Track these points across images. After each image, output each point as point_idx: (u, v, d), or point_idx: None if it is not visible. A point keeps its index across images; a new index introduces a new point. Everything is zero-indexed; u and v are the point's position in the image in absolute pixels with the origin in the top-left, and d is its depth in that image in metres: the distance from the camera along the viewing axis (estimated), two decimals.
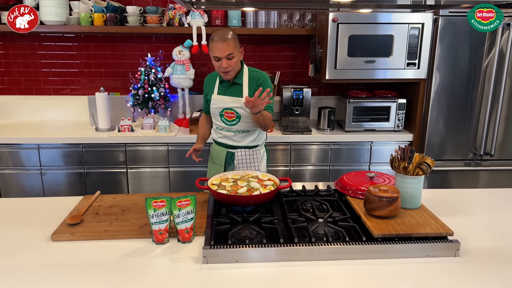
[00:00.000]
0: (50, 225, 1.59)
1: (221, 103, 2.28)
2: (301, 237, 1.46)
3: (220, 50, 2.12)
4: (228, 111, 2.27)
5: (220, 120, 2.31)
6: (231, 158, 2.36)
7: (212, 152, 2.44)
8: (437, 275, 1.30)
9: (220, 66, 2.16)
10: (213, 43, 2.15)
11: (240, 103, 2.24)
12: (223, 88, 2.30)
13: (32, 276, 1.29)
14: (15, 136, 2.99)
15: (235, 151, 2.34)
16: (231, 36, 2.15)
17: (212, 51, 2.16)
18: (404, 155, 1.63)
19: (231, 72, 2.19)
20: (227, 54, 2.13)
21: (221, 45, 2.12)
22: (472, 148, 3.11)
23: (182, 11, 3.20)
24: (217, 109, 2.29)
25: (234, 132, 2.31)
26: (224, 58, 2.14)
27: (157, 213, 1.45)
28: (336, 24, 2.90)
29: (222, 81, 2.30)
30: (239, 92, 2.26)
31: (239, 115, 2.26)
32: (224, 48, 2.12)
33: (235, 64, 2.19)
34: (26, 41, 3.41)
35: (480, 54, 2.94)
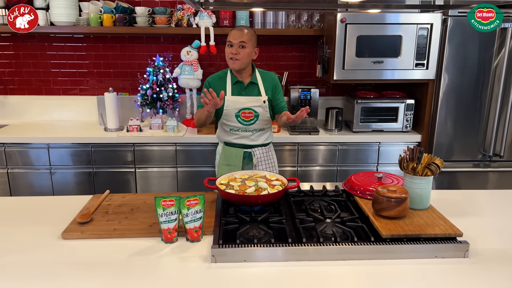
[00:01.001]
0: (60, 223, 1.61)
1: (237, 104, 2.29)
2: (309, 237, 1.46)
3: (234, 36, 2.21)
4: (245, 111, 2.29)
5: (236, 121, 2.31)
6: (248, 157, 2.38)
7: (225, 154, 2.41)
8: (446, 276, 1.29)
9: (230, 52, 2.22)
10: (231, 31, 2.25)
11: (260, 102, 2.30)
12: (238, 89, 2.31)
13: (43, 273, 1.30)
14: (25, 136, 3.03)
15: (252, 150, 2.37)
16: (249, 30, 2.26)
17: (228, 38, 2.24)
18: (413, 156, 1.62)
19: (238, 61, 2.22)
20: (240, 41, 2.19)
21: (237, 32, 2.22)
22: (481, 149, 3.09)
23: (190, 11, 3.22)
24: (233, 110, 2.29)
25: (251, 132, 2.34)
26: (236, 44, 2.20)
27: (166, 212, 1.46)
28: (344, 25, 2.90)
29: (235, 82, 2.31)
30: (256, 92, 2.32)
31: (258, 114, 2.31)
32: (239, 35, 2.20)
33: (246, 55, 2.22)
34: (36, 42, 3.45)
35: (489, 55, 2.92)
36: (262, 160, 2.39)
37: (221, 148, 2.45)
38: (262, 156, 2.40)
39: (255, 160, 2.37)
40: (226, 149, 2.41)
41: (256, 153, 2.38)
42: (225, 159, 2.40)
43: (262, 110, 2.32)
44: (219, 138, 2.46)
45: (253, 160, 2.38)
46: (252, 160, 2.38)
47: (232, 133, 2.36)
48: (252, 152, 2.38)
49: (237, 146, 2.38)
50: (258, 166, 2.39)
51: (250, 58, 2.27)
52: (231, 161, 2.38)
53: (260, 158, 2.39)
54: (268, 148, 2.44)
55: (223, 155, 2.42)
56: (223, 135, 2.41)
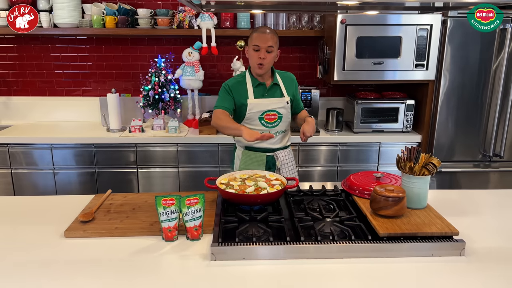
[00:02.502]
0: (63, 222, 1.64)
1: (261, 107, 2.22)
2: (308, 236, 1.48)
3: (261, 40, 2.11)
4: (269, 113, 2.23)
5: (259, 124, 2.24)
6: (271, 161, 2.31)
7: (247, 159, 2.31)
8: (442, 274, 1.31)
9: (257, 56, 2.13)
10: (256, 33, 2.14)
11: (283, 103, 2.25)
12: (260, 92, 2.24)
13: (46, 271, 1.33)
14: (28, 136, 3.06)
15: (274, 154, 2.30)
16: (274, 33, 2.18)
17: (252, 40, 2.14)
18: (410, 156, 1.64)
19: (265, 66, 2.16)
20: (268, 45, 2.11)
21: (264, 35, 2.12)
22: (481, 150, 3.10)
23: (192, 13, 3.24)
24: (256, 114, 2.22)
25: (275, 134, 2.27)
26: (264, 48, 2.12)
27: (167, 211, 1.48)
28: (345, 26, 2.92)
29: (257, 85, 2.24)
30: (278, 93, 2.28)
31: (281, 115, 2.26)
32: (266, 39, 2.11)
33: (271, 60, 2.17)
34: (39, 44, 3.49)
35: (489, 56, 2.93)
36: (285, 163, 2.31)
37: (241, 153, 2.34)
38: (285, 158, 2.32)
39: (278, 163, 2.30)
40: (248, 153, 2.31)
41: (279, 156, 2.30)
42: (246, 164, 2.30)
43: (285, 111, 2.26)
44: (239, 142, 2.35)
45: (277, 164, 2.30)
46: (275, 164, 2.31)
47: None
48: (274, 155, 2.31)
49: (260, 150, 2.29)
50: (282, 170, 2.30)
51: (274, 61, 2.22)
52: (254, 166, 2.27)
53: (283, 161, 2.31)
54: (289, 150, 2.38)
55: (244, 160, 2.32)
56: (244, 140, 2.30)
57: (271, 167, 2.32)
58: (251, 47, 2.16)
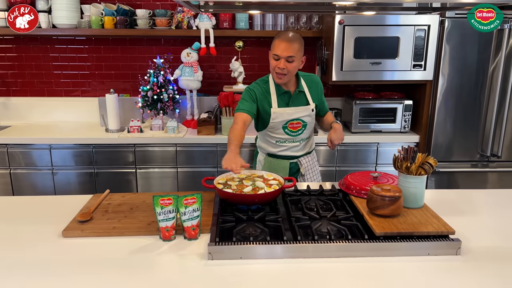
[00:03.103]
0: (61, 222, 1.64)
1: (284, 116, 2.14)
2: (305, 235, 1.49)
3: (281, 49, 1.99)
4: (293, 122, 2.16)
5: (283, 133, 2.18)
6: (295, 167, 2.28)
7: (270, 166, 2.26)
8: (438, 273, 1.32)
9: (276, 66, 2.03)
10: (277, 40, 2.02)
11: (308, 111, 2.18)
12: (284, 100, 2.16)
13: (44, 270, 1.33)
14: (27, 137, 3.07)
15: (298, 160, 2.27)
16: (297, 39, 2.03)
17: (273, 48, 2.03)
18: (407, 155, 1.65)
19: (285, 76, 2.05)
20: (287, 56, 1.99)
21: (285, 44, 1.99)
22: (479, 150, 3.11)
23: (190, 14, 3.25)
24: (280, 123, 2.15)
25: (299, 142, 2.23)
26: (284, 58, 2.00)
27: (164, 210, 1.49)
28: (342, 26, 2.93)
29: (279, 94, 2.14)
30: (303, 101, 2.19)
31: (306, 123, 2.20)
32: (286, 48, 1.99)
33: (293, 69, 2.05)
34: (38, 44, 3.49)
35: (487, 56, 2.94)
36: (309, 168, 2.28)
37: (263, 159, 2.30)
38: (309, 164, 2.29)
39: (302, 170, 2.26)
40: (271, 160, 2.27)
41: (303, 162, 2.26)
42: (270, 169, 2.20)
43: (310, 119, 2.19)
44: (262, 148, 2.30)
45: (301, 170, 2.26)
46: (299, 170, 2.27)
47: (278, 145, 2.22)
48: (298, 161, 2.27)
49: (283, 157, 2.25)
50: (306, 176, 2.27)
51: (297, 70, 2.10)
52: (277, 172, 2.10)
53: (307, 167, 2.27)
54: (312, 155, 2.34)
55: (267, 166, 2.27)
56: (267, 146, 2.26)
57: (295, 173, 2.29)
58: (271, 55, 2.06)
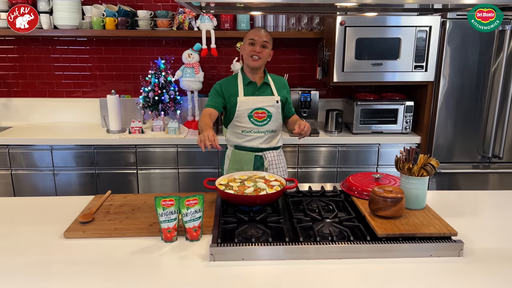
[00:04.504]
0: (62, 223, 1.64)
1: (250, 104, 2.28)
2: (307, 236, 1.49)
3: (257, 35, 2.24)
4: (258, 111, 2.29)
5: (248, 121, 2.29)
6: (259, 161, 2.34)
7: (235, 158, 2.36)
8: (440, 275, 1.31)
9: (252, 50, 2.23)
10: (252, 30, 2.30)
11: (273, 101, 2.32)
12: (251, 90, 2.32)
13: (46, 271, 1.33)
14: (28, 138, 3.07)
15: (263, 153, 2.34)
16: (269, 33, 2.32)
17: (248, 35, 2.26)
18: (409, 157, 1.65)
19: (260, 60, 2.25)
20: (263, 40, 2.23)
21: (260, 32, 2.26)
22: (480, 151, 3.10)
23: (191, 15, 3.25)
24: (245, 111, 2.28)
25: (264, 133, 2.31)
26: (259, 43, 2.23)
27: (166, 211, 1.49)
28: (344, 27, 2.93)
29: (248, 83, 2.31)
30: (269, 92, 2.35)
31: (271, 114, 2.31)
32: (261, 35, 2.24)
33: (266, 55, 2.27)
34: (40, 45, 3.50)
35: (488, 57, 2.94)
36: (273, 163, 2.34)
37: (230, 152, 2.39)
38: (274, 159, 2.34)
39: (266, 163, 2.32)
40: (236, 153, 2.36)
41: (268, 156, 2.33)
42: (235, 163, 2.35)
43: (275, 110, 2.31)
44: (229, 141, 2.41)
45: (264, 164, 2.33)
46: (263, 164, 2.34)
47: (244, 135, 2.31)
48: (263, 155, 2.34)
49: (248, 149, 2.33)
50: (269, 170, 2.32)
51: (267, 59, 2.32)
52: (242, 165, 2.33)
53: (271, 161, 2.33)
54: (279, 152, 2.40)
55: (233, 159, 2.37)
56: (234, 138, 2.36)
57: (259, 167, 2.35)
58: (246, 42, 2.27)
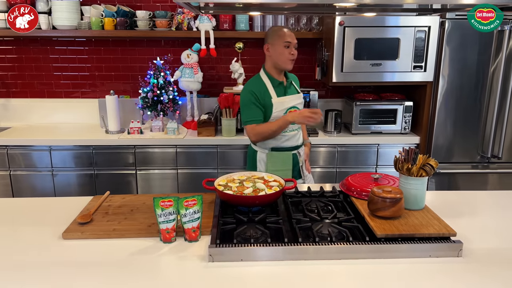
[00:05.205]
0: (61, 224, 1.63)
1: (285, 104, 2.34)
2: (306, 237, 1.48)
3: (291, 37, 2.26)
4: (291, 110, 2.35)
5: None
6: (295, 159, 2.42)
7: (274, 160, 2.38)
8: (440, 275, 1.31)
9: (290, 52, 2.26)
10: (283, 31, 2.27)
11: (300, 99, 2.42)
12: (281, 90, 2.36)
13: (44, 272, 1.33)
14: (27, 138, 3.07)
15: (297, 151, 2.43)
16: None
17: (281, 37, 2.25)
18: (408, 157, 1.64)
19: (293, 61, 2.31)
20: (295, 42, 2.28)
21: (292, 33, 2.28)
22: (479, 151, 3.10)
23: (190, 15, 3.25)
24: (281, 112, 2.32)
25: (296, 130, 2.40)
26: (293, 45, 2.27)
27: (165, 212, 1.48)
28: (343, 28, 2.93)
29: (276, 85, 2.34)
30: (294, 90, 2.43)
31: None
32: (294, 36, 2.28)
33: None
34: (38, 45, 3.49)
35: (487, 57, 2.94)
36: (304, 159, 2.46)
37: (265, 156, 2.39)
38: (303, 155, 2.47)
39: (300, 161, 2.43)
40: (274, 155, 2.38)
41: (301, 153, 2.44)
42: (274, 165, 2.36)
43: (302, 107, 2.41)
44: (264, 145, 2.38)
45: (299, 160, 2.42)
46: (298, 162, 2.42)
47: (281, 136, 2.35)
48: (297, 153, 2.42)
49: (286, 149, 2.39)
50: (303, 166, 2.45)
51: None
52: (283, 166, 2.36)
53: (302, 158, 2.45)
54: (302, 148, 2.49)
55: (271, 162, 2.37)
56: (270, 140, 2.35)
57: (295, 165, 2.42)
58: (281, 44, 2.26)
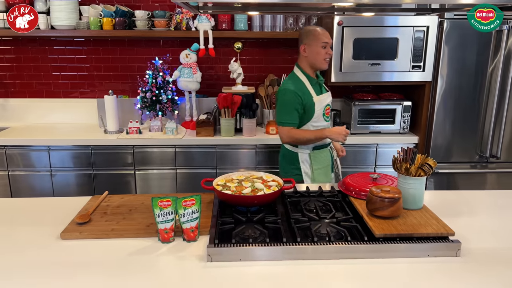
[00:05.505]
0: (59, 224, 1.63)
1: (323, 102, 2.38)
2: (304, 237, 1.48)
3: (328, 37, 2.29)
4: (327, 107, 2.42)
5: (323, 120, 2.40)
6: (330, 154, 2.49)
7: (318, 159, 2.40)
8: (438, 275, 1.31)
9: (327, 53, 2.29)
10: (319, 30, 2.29)
11: (330, 97, 2.47)
12: (317, 89, 2.39)
13: (42, 273, 1.33)
14: (26, 138, 3.06)
15: (330, 147, 2.49)
16: None
17: (319, 38, 2.27)
18: (406, 157, 1.64)
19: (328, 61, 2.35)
20: (332, 42, 2.31)
21: (327, 33, 2.30)
22: (478, 151, 3.11)
23: (189, 15, 3.25)
24: (320, 110, 2.36)
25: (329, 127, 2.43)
26: (329, 45, 2.30)
27: (163, 212, 1.48)
28: (341, 27, 2.93)
29: (313, 84, 2.37)
30: (324, 89, 2.48)
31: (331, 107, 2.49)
32: (329, 36, 2.30)
33: None
34: (37, 45, 3.49)
35: (485, 57, 2.94)
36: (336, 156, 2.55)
37: (308, 156, 2.39)
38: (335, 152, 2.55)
39: (334, 155, 2.51)
40: (317, 153, 2.41)
41: (333, 147, 2.52)
42: (319, 163, 2.40)
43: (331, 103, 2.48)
44: (306, 145, 2.39)
45: (334, 155, 2.50)
46: (332, 156, 2.50)
47: None
48: (330, 148, 2.48)
49: (324, 146, 2.44)
50: (337, 160, 2.55)
51: None
52: (325, 163, 2.43)
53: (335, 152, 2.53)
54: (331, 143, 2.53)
55: (315, 161, 2.39)
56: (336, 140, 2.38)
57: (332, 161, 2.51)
58: (318, 44, 2.28)
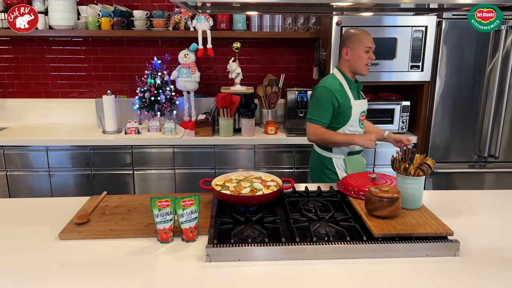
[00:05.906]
0: (58, 224, 1.63)
1: (360, 108, 2.27)
2: (303, 237, 1.48)
3: (371, 42, 2.19)
4: (363, 114, 2.31)
5: (358, 125, 2.29)
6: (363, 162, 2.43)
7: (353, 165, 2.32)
8: (437, 274, 1.31)
9: (369, 58, 2.20)
10: (363, 34, 2.19)
11: (366, 104, 2.35)
12: (355, 93, 2.28)
13: (41, 273, 1.32)
14: (24, 138, 3.05)
15: (362, 153, 2.43)
16: None
17: (362, 42, 2.18)
18: (405, 156, 1.64)
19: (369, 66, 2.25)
20: (375, 47, 2.20)
21: (370, 37, 2.19)
22: (476, 150, 3.11)
23: (187, 15, 3.25)
24: (357, 115, 2.26)
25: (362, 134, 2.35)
26: (372, 49, 2.20)
27: (162, 212, 1.48)
28: (340, 27, 2.92)
29: (353, 87, 2.27)
30: (361, 94, 2.37)
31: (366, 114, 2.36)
32: (373, 41, 2.19)
33: None
34: (35, 45, 3.48)
35: (484, 57, 2.94)
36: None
37: (343, 161, 2.32)
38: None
39: (364, 161, 2.45)
40: (352, 158, 2.33)
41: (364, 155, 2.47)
42: (353, 168, 2.30)
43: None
44: (340, 150, 2.31)
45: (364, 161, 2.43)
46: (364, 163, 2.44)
47: None
48: (362, 154, 2.42)
49: (358, 152, 2.36)
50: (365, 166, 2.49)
51: None
52: (359, 168, 2.33)
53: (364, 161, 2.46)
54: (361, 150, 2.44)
55: (350, 166, 2.31)
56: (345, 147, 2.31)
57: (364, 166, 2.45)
58: (361, 49, 2.19)
